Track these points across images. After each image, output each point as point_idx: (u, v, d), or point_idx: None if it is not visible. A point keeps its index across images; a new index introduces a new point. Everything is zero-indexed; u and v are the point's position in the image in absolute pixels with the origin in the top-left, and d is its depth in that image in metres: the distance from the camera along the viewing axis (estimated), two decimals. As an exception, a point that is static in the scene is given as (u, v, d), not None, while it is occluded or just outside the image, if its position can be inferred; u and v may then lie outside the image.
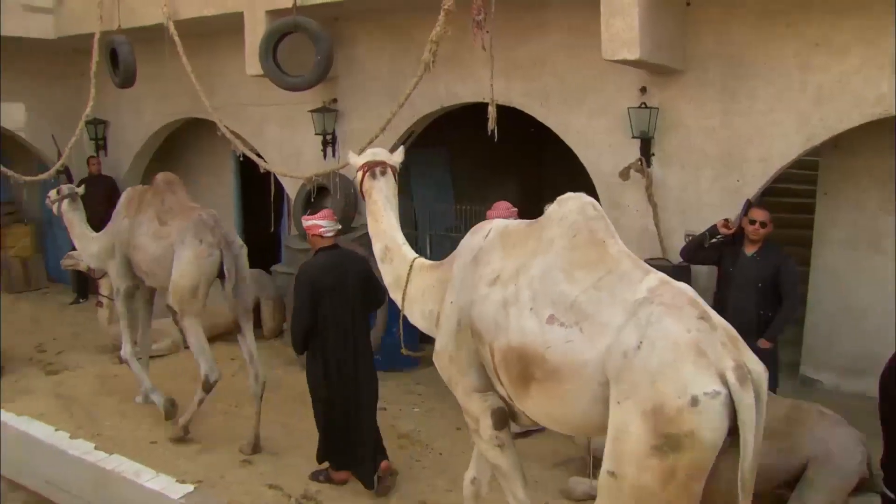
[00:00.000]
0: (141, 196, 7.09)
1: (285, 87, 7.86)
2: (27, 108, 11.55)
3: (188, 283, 6.40)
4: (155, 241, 6.67)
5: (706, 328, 3.23)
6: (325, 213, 5.76)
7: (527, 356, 3.61)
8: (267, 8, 7.91)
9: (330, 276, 5.49)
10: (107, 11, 9.29)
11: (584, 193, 3.90)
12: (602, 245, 3.67)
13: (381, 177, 4.77)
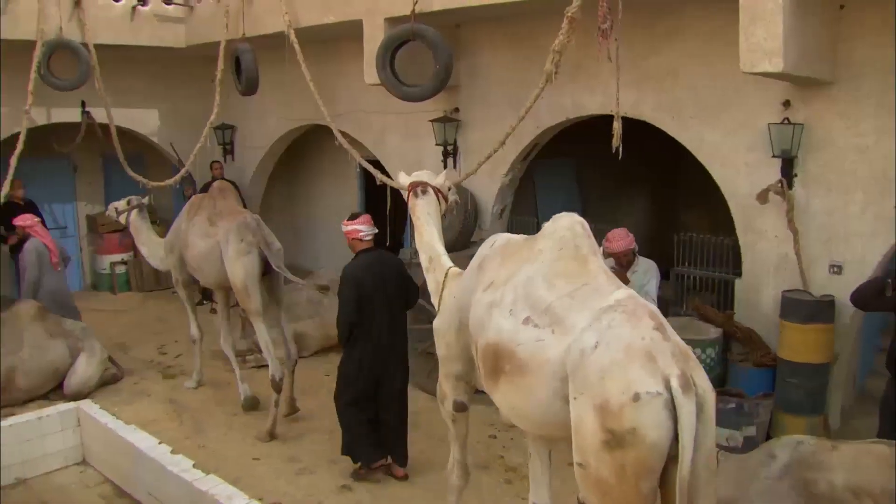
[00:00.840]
0: (200, 202, 7.97)
1: (403, 98, 7.70)
2: (160, 114, 11.89)
3: (238, 279, 7.15)
4: (203, 240, 7.51)
5: (659, 338, 3.49)
6: (364, 218, 6.26)
7: (499, 351, 4.02)
8: (386, 15, 7.78)
9: (370, 275, 6.01)
10: (233, 20, 9.43)
11: (575, 214, 4.27)
12: (584, 260, 4.04)
13: (423, 196, 5.41)
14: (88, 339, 8.50)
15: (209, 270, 7.51)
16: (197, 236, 7.59)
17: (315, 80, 8.98)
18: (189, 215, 7.87)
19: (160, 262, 8.47)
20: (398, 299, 6.14)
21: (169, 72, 11.67)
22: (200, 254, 7.54)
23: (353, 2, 8.13)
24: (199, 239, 7.56)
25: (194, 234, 7.62)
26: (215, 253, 7.34)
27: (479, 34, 8.46)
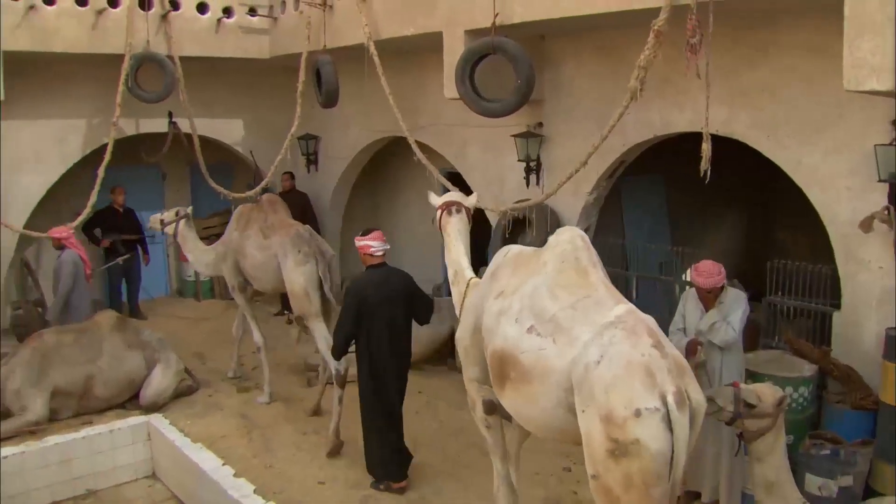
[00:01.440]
0: (249, 213, 8.54)
1: (482, 114, 7.49)
2: (245, 125, 12.00)
3: (298, 288, 7.67)
4: (259, 251, 8.15)
5: (657, 355, 3.83)
6: (375, 234, 6.45)
7: (505, 357, 4.39)
8: (466, 27, 7.59)
9: (376, 290, 6.25)
10: (314, 32, 9.40)
11: (576, 227, 4.77)
12: (584, 272, 4.39)
13: (456, 214, 5.81)
14: (165, 351, 8.58)
15: (266, 279, 8.19)
16: (253, 248, 8.23)
17: (396, 91, 8.95)
18: (239, 225, 8.49)
19: (206, 268, 9.17)
20: (402, 315, 6.38)
21: (253, 82, 11.78)
22: (257, 264, 8.19)
23: (433, 14, 7.96)
24: (255, 250, 8.20)
25: (250, 246, 8.25)
26: (272, 263, 7.97)
27: (563, 46, 8.19)
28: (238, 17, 10.63)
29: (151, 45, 9.93)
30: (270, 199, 8.66)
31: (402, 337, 6.38)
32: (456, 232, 5.79)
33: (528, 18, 7.00)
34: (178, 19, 10.20)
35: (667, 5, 5.72)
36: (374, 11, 8.69)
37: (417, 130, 9.91)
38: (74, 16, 9.53)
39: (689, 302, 5.96)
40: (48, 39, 9.43)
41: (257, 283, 8.43)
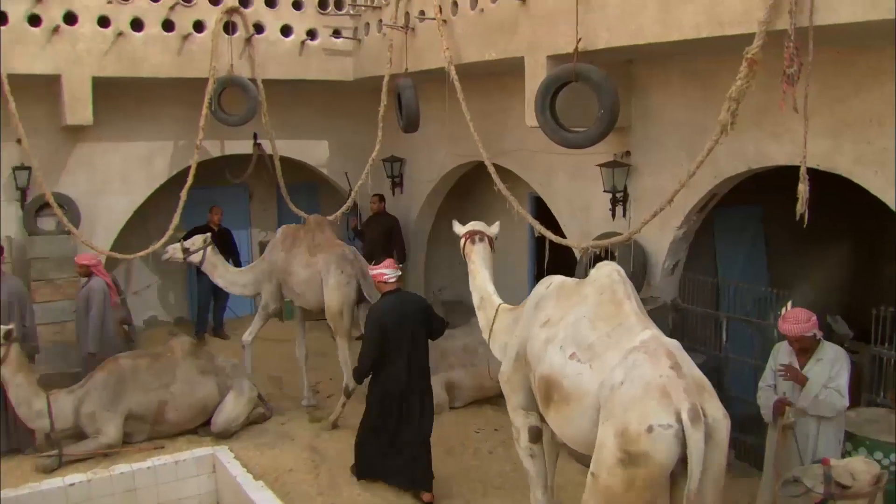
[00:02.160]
0: (294, 233, 9.10)
1: (562, 145, 7.14)
2: (330, 146, 11.96)
3: (335, 305, 8.37)
4: (305, 269, 8.70)
5: (674, 375, 4.21)
6: (387, 262, 6.97)
7: (550, 382, 4.83)
8: (548, 52, 7.27)
9: (394, 315, 6.70)
10: (397, 55, 9.25)
11: (615, 262, 5.22)
12: (620, 304, 4.83)
13: (479, 243, 6.31)
14: (239, 377, 8.54)
15: (310, 295, 8.70)
16: (299, 266, 8.77)
17: (480, 115, 8.78)
18: (285, 246, 9.00)
19: (243, 289, 9.43)
20: (419, 335, 6.83)
21: (339, 103, 11.74)
22: (302, 281, 8.73)
23: (515, 38, 7.67)
24: (300, 268, 8.75)
25: (297, 264, 8.80)
26: (316, 280, 8.56)
27: (653, 71, 7.77)
28: (322, 39, 10.59)
29: (235, 69, 9.99)
30: (318, 219, 9.27)
31: (420, 356, 6.84)
32: (480, 259, 6.28)
33: (613, 44, 6.62)
34: (261, 42, 10.24)
35: (761, 31, 5.28)
36: (456, 35, 8.46)
37: (502, 155, 9.66)
38: (161, 41, 9.68)
39: (781, 356, 5.48)
40: (135, 65, 9.61)
41: (301, 300, 8.92)
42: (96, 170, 10.49)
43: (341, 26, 10.65)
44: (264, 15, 10.24)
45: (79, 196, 10.32)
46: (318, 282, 8.51)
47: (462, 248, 6.40)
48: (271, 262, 9.08)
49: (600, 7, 6.66)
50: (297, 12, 10.40)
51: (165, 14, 9.63)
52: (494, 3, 7.88)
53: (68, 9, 9.23)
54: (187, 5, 9.74)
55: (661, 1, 6.15)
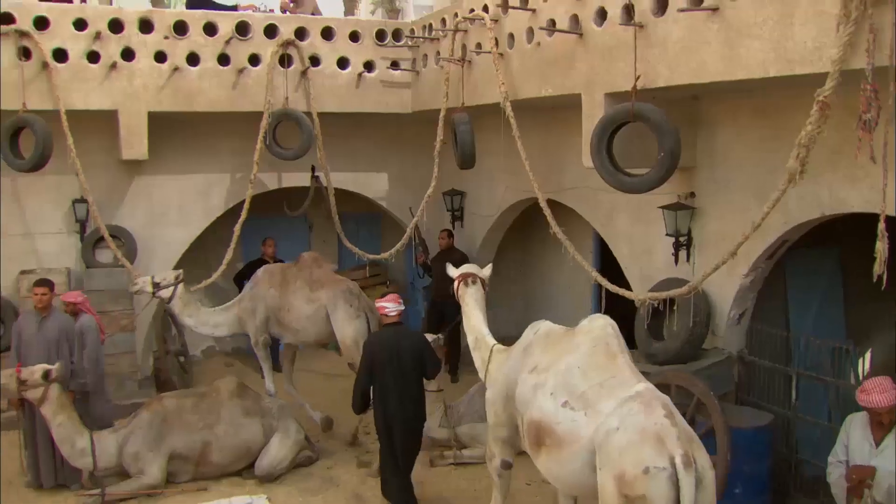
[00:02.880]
0: (283, 272, 9.15)
1: (619, 189, 6.70)
2: (389, 178, 11.75)
3: (350, 338, 8.56)
4: (308, 304, 8.78)
5: (668, 424, 4.46)
6: (390, 297, 7.12)
7: (542, 427, 5.06)
8: (606, 90, 6.86)
9: (387, 348, 6.87)
10: (454, 88, 8.94)
11: (608, 316, 5.43)
12: (613, 356, 5.08)
13: (472, 285, 6.68)
14: (285, 420, 8.32)
15: (312, 330, 8.88)
16: (301, 301, 8.84)
17: (539, 149, 8.52)
18: (273, 283, 9.00)
19: (215, 329, 9.36)
20: (413, 371, 6.94)
21: (398, 135, 11.56)
22: (304, 316, 8.82)
23: (571, 74, 7.29)
24: (303, 304, 8.82)
25: (297, 300, 8.86)
26: (320, 315, 8.73)
27: (719, 107, 7.29)
28: (379, 71, 10.40)
29: (290, 102, 9.87)
30: (313, 255, 9.39)
31: (410, 391, 6.93)
32: (473, 301, 6.67)
33: (674, 82, 6.18)
34: (317, 75, 10.10)
35: (834, 72, 4.78)
36: (512, 69, 8.13)
37: (562, 192, 9.28)
38: (216, 75, 9.64)
39: (854, 430, 4.95)
40: (191, 99, 9.59)
41: (300, 336, 9.05)
42: (154, 202, 10.50)
43: (399, 58, 10.46)
44: (320, 47, 10.10)
45: (136, 228, 10.35)
46: (322, 316, 8.74)
47: (455, 290, 6.85)
48: (256, 299, 9.08)
49: (660, 42, 6.23)
50: (354, 44, 10.24)
51: (221, 48, 9.60)
52: (551, 37, 7.52)
53: (126, 45, 9.27)
54: (243, 39, 9.68)
55: (725, 36, 5.69)
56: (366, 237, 13.51)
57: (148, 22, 9.37)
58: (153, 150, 9.76)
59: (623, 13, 6.56)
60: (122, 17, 9.26)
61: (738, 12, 5.54)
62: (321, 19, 10.31)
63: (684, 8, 5.86)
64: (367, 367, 6.84)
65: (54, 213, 10.13)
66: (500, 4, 8.12)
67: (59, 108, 8.98)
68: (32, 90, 8.96)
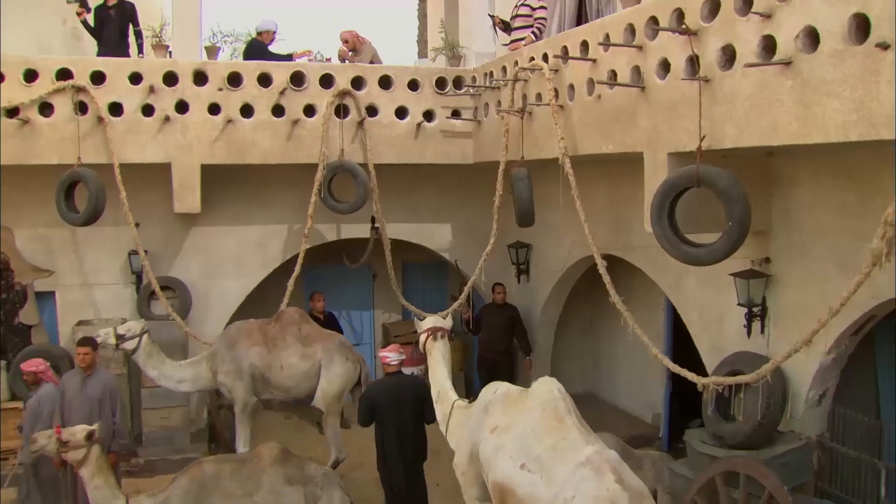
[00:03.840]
0: (262, 330, 8.90)
1: (683, 261, 6.05)
2: (452, 229, 11.32)
3: (336, 390, 8.70)
4: (302, 361, 8.72)
5: (619, 489, 4.85)
6: (392, 347, 7.53)
7: (504, 489, 5.43)
8: (670, 149, 6.27)
9: (387, 395, 7.25)
10: (514, 140, 8.47)
11: (555, 379, 5.82)
12: (562, 419, 5.47)
13: (440, 339, 6.97)
14: (329, 488, 7.83)
15: (305, 386, 8.77)
16: (293, 358, 8.72)
17: (606, 203, 8.16)
18: (254, 341, 8.75)
19: (180, 385, 8.88)
20: (412, 417, 7.27)
21: (461, 184, 11.09)
22: (299, 373, 8.72)
23: (633, 130, 6.72)
24: (296, 360, 8.72)
25: (289, 357, 8.72)
26: (315, 370, 8.70)
27: (797, 165, 6.61)
28: (439, 120, 9.99)
29: (346, 154, 9.55)
30: (298, 311, 9.18)
31: (410, 436, 7.25)
32: (440, 356, 6.97)
33: (743, 144, 5.55)
34: (374, 125, 9.77)
35: (925, 138, 4.14)
36: (572, 122, 7.61)
37: (629, 251, 8.71)
38: (270, 127, 9.42)
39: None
40: (244, 152, 9.40)
41: (292, 393, 8.91)
42: (210, 254, 10.33)
43: (461, 106, 10.02)
44: (378, 97, 9.77)
45: (192, 279, 10.20)
46: (316, 371, 8.71)
47: (423, 343, 7.17)
48: (239, 360, 8.74)
49: (727, 99, 5.62)
50: (413, 93, 9.88)
51: (276, 99, 9.37)
52: (612, 90, 6.98)
53: (180, 98, 9.15)
54: (298, 89, 9.43)
55: (799, 94, 5.05)
56: (432, 287, 13.14)
57: (202, 74, 9.25)
58: (209, 201, 9.60)
59: (687, 66, 5.98)
60: (177, 69, 9.15)
61: (814, 67, 4.91)
62: (379, 68, 10.00)
63: (752, 63, 5.26)
64: (366, 411, 7.29)
65: (111, 264, 10.07)
66: (557, 55, 7.63)
67: (112, 162, 8.89)
68: (88, 144, 8.94)
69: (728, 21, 5.60)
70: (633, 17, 6.72)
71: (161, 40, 9.17)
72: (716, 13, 5.73)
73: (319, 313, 10.76)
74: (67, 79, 8.86)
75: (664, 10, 6.26)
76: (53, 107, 8.92)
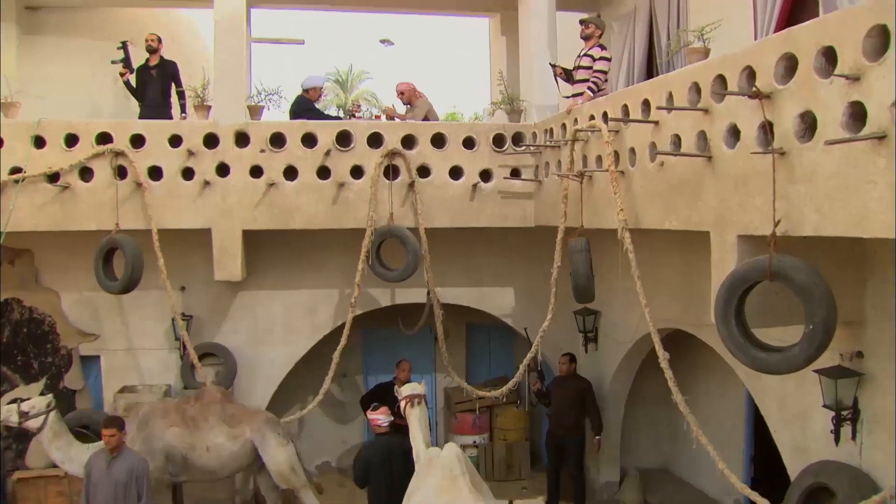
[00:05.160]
0: (178, 410, 8.25)
1: (752, 367, 5.06)
2: (515, 293, 10.51)
3: (286, 466, 8.30)
4: (231, 441, 8.21)
5: None
6: (382, 410, 7.78)
7: None
8: (739, 231, 5.33)
9: (379, 455, 7.63)
10: (574, 205, 7.65)
11: (455, 445, 6.75)
12: (455, 479, 6.22)
13: (417, 406, 7.51)
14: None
15: (232, 466, 8.31)
16: (220, 438, 8.18)
17: (678, 274, 7.58)
18: (171, 421, 8.12)
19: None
20: (402, 476, 7.42)
21: (524, 244, 10.24)
22: (228, 453, 8.20)
23: (699, 205, 5.80)
24: (224, 441, 8.19)
25: (216, 437, 8.16)
26: (246, 449, 8.25)
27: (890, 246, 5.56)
28: (497, 180, 9.21)
29: (396, 217, 8.87)
30: (220, 390, 8.65)
31: (398, 492, 7.18)
32: (417, 421, 7.35)
33: (825, 232, 4.59)
34: (427, 187, 9.06)
35: None
36: (633, 191, 6.74)
37: (704, 328, 7.71)
38: (315, 190, 8.84)
39: None
40: (287, 216, 8.86)
41: (217, 474, 8.38)
42: (257, 319, 9.80)
43: (521, 165, 9.22)
44: (430, 156, 9.06)
45: (239, 346, 9.70)
46: (248, 450, 8.26)
47: (403, 409, 7.54)
48: (151, 441, 8.02)
49: (806, 177, 4.67)
50: (468, 151, 9.13)
51: (321, 160, 8.77)
52: (676, 157, 6.09)
53: (221, 160, 8.69)
54: (344, 150, 8.81)
55: (894, 177, 4.12)
56: (498, 350, 12.34)
57: (244, 135, 8.76)
58: (255, 264, 9.13)
59: (759, 134, 5.08)
60: (217, 131, 8.69)
61: (914, 142, 3.98)
62: (431, 125, 9.29)
63: (833, 140, 4.33)
64: (363, 469, 7.64)
65: (156, 329, 9.66)
66: (615, 119, 6.80)
67: (151, 228, 8.49)
68: (127, 209, 8.56)
69: (807, 83, 4.66)
70: (697, 74, 5.85)
71: (203, 100, 8.73)
72: (792, 73, 4.81)
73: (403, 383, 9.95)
74: (107, 142, 8.52)
75: (733, 68, 5.38)
76: (93, 171, 8.58)
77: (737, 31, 7.42)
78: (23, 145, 8.42)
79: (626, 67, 9.92)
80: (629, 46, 9.98)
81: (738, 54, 5.37)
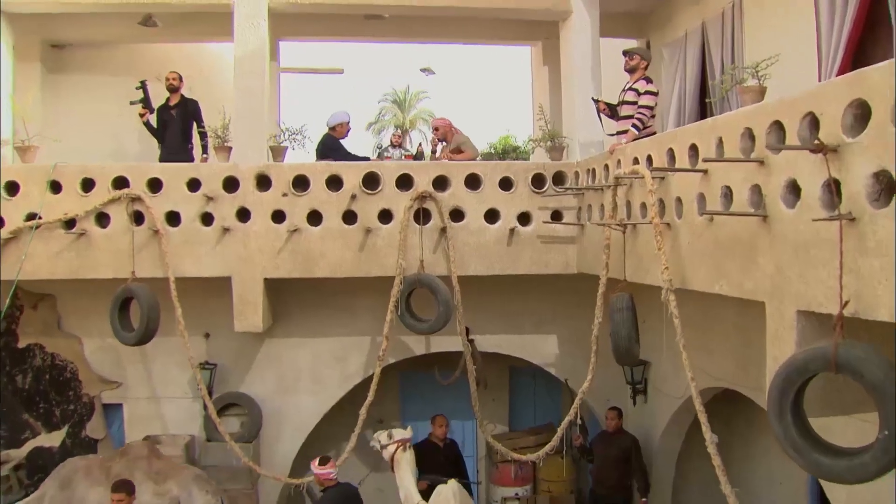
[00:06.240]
0: (103, 467, 7.87)
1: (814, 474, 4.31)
2: (559, 341, 9.76)
3: None
4: (156, 499, 7.83)
5: None
6: (332, 464, 7.52)
7: None
8: (800, 306, 4.53)
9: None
10: (617, 256, 6.90)
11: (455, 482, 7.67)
12: None
13: (407, 450, 7.93)
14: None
15: None
16: (148, 496, 7.77)
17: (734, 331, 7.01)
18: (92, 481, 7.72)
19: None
20: None
21: (567, 290, 9.40)
22: None
23: (753, 271, 5.00)
24: (149, 498, 7.77)
25: (143, 495, 7.63)
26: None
27: None
28: (536, 224, 8.49)
29: (427, 265, 8.20)
30: (147, 445, 8.25)
31: None
32: (406, 465, 7.75)
33: None
34: (460, 232, 8.37)
35: None
36: (679, 246, 5.97)
37: (759, 392, 6.81)
38: (340, 236, 8.23)
39: None
40: (311, 263, 8.29)
41: None
42: (284, 367, 9.25)
43: (562, 207, 8.50)
44: (464, 198, 8.39)
45: (265, 396, 9.17)
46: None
47: (392, 454, 7.86)
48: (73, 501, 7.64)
49: (881, 249, 3.85)
50: (505, 193, 8.42)
51: (347, 204, 8.17)
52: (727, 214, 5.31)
53: (241, 205, 8.17)
54: (371, 193, 8.21)
55: None
56: (543, 396, 11.58)
57: (265, 177, 8.23)
58: (281, 311, 8.63)
59: (824, 193, 4.30)
60: (237, 174, 8.17)
61: None
62: (465, 165, 8.61)
63: (915, 212, 3.55)
64: None
65: (180, 377, 9.16)
66: (657, 168, 6.05)
67: (168, 276, 8.01)
68: (144, 256, 8.10)
69: (882, 137, 3.86)
70: (751, 118, 5.08)
71: (223, 141, 8.23)
72: (864, 124, 4.02)
73: (440, 440, 9.20)
74: (124, 187, 8.10)
75: (791, 115, 4.60)
76: (110, 217, 8.16)
77: (798, 67, 6.61)
78: (39, 189, 8.05)
79: (678, 98, 9.14)
80: (680, 75, 9.20)
81: (797, 98, 4.58)
